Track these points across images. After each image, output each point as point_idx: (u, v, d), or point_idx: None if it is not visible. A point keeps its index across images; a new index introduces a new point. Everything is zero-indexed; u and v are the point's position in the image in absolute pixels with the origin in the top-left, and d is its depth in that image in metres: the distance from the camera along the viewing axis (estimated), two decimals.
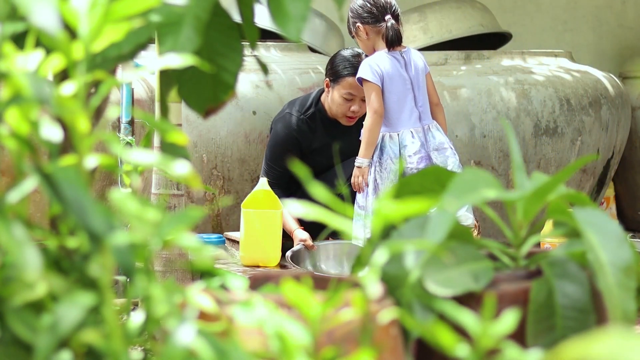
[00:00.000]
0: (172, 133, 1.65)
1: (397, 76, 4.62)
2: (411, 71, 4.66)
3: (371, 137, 4.60)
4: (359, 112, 4.96)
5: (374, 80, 4.58)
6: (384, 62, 4.61)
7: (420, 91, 4.67)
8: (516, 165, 2.06)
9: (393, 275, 1.82)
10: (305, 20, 1.81)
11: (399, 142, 4.59)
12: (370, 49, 4.70)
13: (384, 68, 4.60)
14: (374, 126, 4.58)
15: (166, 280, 2.23)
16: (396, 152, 4.59)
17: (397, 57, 4.64)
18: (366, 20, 4.65)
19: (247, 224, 4.75)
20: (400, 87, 4.62)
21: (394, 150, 4.59)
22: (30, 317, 1.49)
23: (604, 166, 5.89)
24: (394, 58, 4.63)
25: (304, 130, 5.05)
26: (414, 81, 4.66)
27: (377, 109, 4.57)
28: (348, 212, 1.64)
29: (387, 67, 4.61)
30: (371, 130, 4.59)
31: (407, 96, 4.63)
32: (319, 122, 5.08)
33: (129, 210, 1.54)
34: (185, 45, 1.80)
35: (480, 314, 1.66)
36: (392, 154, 4.58)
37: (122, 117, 4.16)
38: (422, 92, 4.68)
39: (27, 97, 1.51)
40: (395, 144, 4.60)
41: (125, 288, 3.45)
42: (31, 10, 1.46)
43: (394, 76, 4.61)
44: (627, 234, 1.90)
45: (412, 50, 4.74)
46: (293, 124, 5.06)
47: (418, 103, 4.65)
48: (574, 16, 7.02)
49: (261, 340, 1.60)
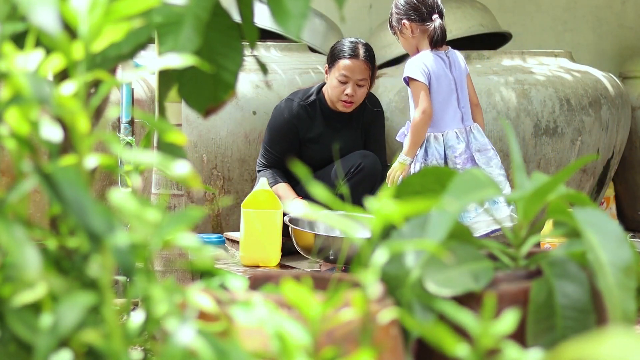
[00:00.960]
0: (171, 133, 1.65)
1: (443, 76, 4.59)
2: (455, 71, 4.64)
3: (418, 136, 4.55)
4: (354, 96, 4.96)
5: (422, 79, 4.53)
6: (431, 61, 4.57)
7: (462, 92, 4.66)
8: (516, 165, 2.06)
9: (393, 275, 1.82)
10: (305, 17, 1.81)
11: (443, 143, 4.56)
12: (413, 47, 4.65)
13: (431, 67, 4.56)
14: (421, 126, 4.54)
15: (166, 280, 2.23)
16: (441, 152, 4.55)
17: (443, 57, 4.61)
18: (413, 17, 4.60)
19: (247, 224, 4.75)
20: (445, 87, 4.59)
21: (439, 151, 4.56)
22: (30, 317, 1.49)
23: (604, 166, 5.89)
24: (439, 58, 4.60)
25: (302, 116, 5.06)
26: (458, 82, 4.64)
27: (425, 108, 4.53)
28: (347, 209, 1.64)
29: (434, 67, 4.57)
30: (418, 129, 4.54)
31: (451, 97, 4.61)
32: (318, 110, 5.09)
33: (129, 210, 1.54)
34: (185, 45, 1.80)
35: (480, 314, 1.66)
36: (437, 154, 4.55)
37: (122, 117, 4.16)
38: (464, 93, 4.67)
39: (27, 97, 1.51)
40: (440, 144, 4.56)
41: (125, 288, 3.45)
42: (31, 10, 1.46)
43: (440, 76, 4.58)
44: (627, 234, 1.90)
45: (455, 51, 4.71)
46: (292, 109, 5.08)
47: (461, 104, 4.64)
48: (574, 16, 7.01)
49: (261, 340, 1.60)
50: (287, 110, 5.08)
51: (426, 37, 4.61)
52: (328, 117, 5.10)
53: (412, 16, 4.60)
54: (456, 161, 4.52)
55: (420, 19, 4.60)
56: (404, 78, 4.61)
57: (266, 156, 5.09)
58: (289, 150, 5.07)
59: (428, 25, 4.60)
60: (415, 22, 4.61)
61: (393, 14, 4.67)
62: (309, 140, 5.08)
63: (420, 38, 4.62)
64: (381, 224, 1.67)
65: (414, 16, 4.60)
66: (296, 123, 5.06)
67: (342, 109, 5.04)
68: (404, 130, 4.69)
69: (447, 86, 4.59)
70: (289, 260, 5.04)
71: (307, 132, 5.07)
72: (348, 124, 5.11)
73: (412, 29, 4.61)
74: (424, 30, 4.61)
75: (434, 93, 4.56)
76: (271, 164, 5.07)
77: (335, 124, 5.10)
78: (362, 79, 4.97)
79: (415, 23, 4.61)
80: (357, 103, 5.02)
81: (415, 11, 4.60)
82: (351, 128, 5.11)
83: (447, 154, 4.55)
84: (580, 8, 7.02)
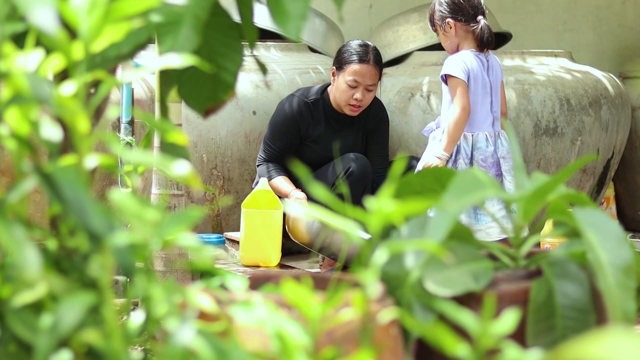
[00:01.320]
0: (172, 133, 1.65)
1: (480, 78, 4.58)
2: (492, 75, 4.63)
3: (456, 133, 4.53)
4: (362, 100, 4.96)
5: (462, 76, 4.51)
6: (471, 61, 4.56)
7: (496, 97, 4.65)
8: (516, 165, 2.06)
9: (393, 275, 1.82)
10: (304, 19, 1.81)
11: (472, 144, 4.55)
12: (453, 46, 4.63)
13: (471, 67, 4.55)
14: (460, 122, 4.52)
15: (166, 280, 2.23)
16: (468, 152, 4.54)
17: (482, 59, 4.60)
18: (459, 17, 4.59)
19: (247, 224, 4.75)
20: (481, 89, 4.58)
21: (467, 150, 4.55)
22: (30, 317, 1.49)
23: (604, 166, 5.89)
24: (478, 59, 4.58)
25: (304, 114, 5.05)
26: (493, 86, 4.63)
27: (464, 105, 4.51)
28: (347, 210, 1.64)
29: (474, 67, 4.56)
30: (457, 126, 4.52)
31: (486, 99, 4.60)
32: (321, 110, 5.07)
33: (129, 210, 1.54)
34: (184, 45, 1.80)
35: (480, 314, 1.66)
36: (464, 154, 4.55)
37: (122, 117, 4.16)
38: (497, 98, 4.66)
39: (27, 97, 1.51)
40: (468, 144, 4.55)
41: (125, 288, 3.45)
42: (30, 10, 1.45)
43: (478, 77, 4.57)
44: (627, 234, 1.90)
45: (494, 56, 4.70)
46: (294, 105, 5.06)
47: (493, 108, 4.63)
48: (574, 16, 7.01)
49: (261, 340, 1.60)
50: (290, 107, 5.07)
51: (469, 37, 4.60)
52: (330, 118, 5.09)
53: (457, 16, 4.59)
54: (482, 164, 4.52)
55: (466, 20, 4.59)
56: (442, 75, 4.59)
57: (267, 151, 5.08)
58: (290, 146, 5.06)
59: (472, 26, 4.59)
60: (461, 22, 4.59)
61: (436, 11, 4.64)
62: (309, 139, 5.07)
63: (463, 38, 4.61)
64: (381, 224, 1.67)
65: (459, 16, 4.59)
66: (298, 120, 5.04)
67: (349, 113, 5.02)
68: (432, 125, 4.66)
69: (483, 88, 4.58)
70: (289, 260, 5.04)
71: (308, 130, 5.06)
72: (349, 126, 5.10)
73: (456, 29, 4.60)
74: (467, 30, 4.60)
75: (470, 93, 4.55)
76: (271, 159, 5.06)
77: (337, 125, 5.09)
78: (371, 84, 4.96)
79: (461, 23, 4.60)
80: (364, 107, 5.01)
81: (461, 11, 4.59)
82: (352, 130, 5.09)
83: (474, 154, 4.54)
84: (580, 8, 7.02)
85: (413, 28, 6.09)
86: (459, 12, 4.60)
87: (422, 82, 5.73)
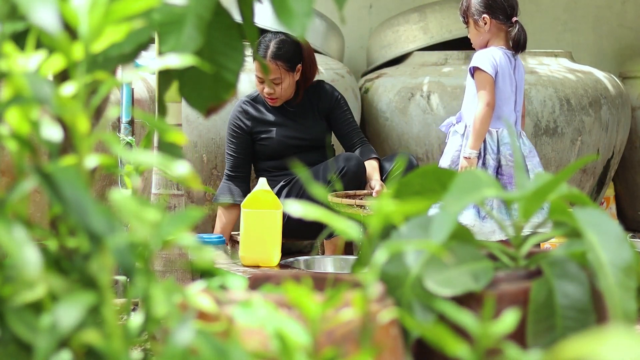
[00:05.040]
0: (171, 133, 1.65)
1: (508, 76, 4.58)
2: (518, 75, 4.63)
3: (481, 129, 4.52)
4: (273, 93, 5.08)
5: (490, 71, 4.50)
6: (501, 57, 4.56)
7: (520, 96, 4.65)
8: (517, 165, 2.06)
9: (393, 275, 1.82)
10: (309, 16, 1.81)
11: (497, 140, 4.55)
12: (483, 42, 4.62)
13: (500, 63, 4.55)
14: (484, 118, 4.51)
15: (166, 280, 2.23)
16: (495, 148, 4.55)
17: (510, 58, 4.60)
18: (496, 14, 4.58)
19: (247, 224, 4.75)
20: (508, 87, 4.58)
21: (493, 146, 4.55)
22: (30, 317, 1.49)
23: (604, 166, 5.89)
24: (507, 57, 4.58)
25: (246, 111, 5.18)
26: (519, 85, 4.64)
27: (489, 101, 4.50)
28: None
29: (503, 64, 4.56)
30: (482, 122, 4.51)
31: (511, 97, 4.60)
32: (261, 103, 5.20)
33: (129, 211, 1.54)
34: (187, 44, 1.80)
35: (480, 314, 1.66)
36: (490, 150, 4.55)
37: (122, 117, 4.16)
38: (521, 98, 4.67)
39: (27, 97, 1.50)
40: (494, 140, 4.55)
41: (125, 288, 3.45)
42: (31, 9, 1.45)
43: (505, 75, 4.57)
44: (627, 234, 1.90)
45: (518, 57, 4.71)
46: (236, 108, 5.20)
47: (517, 107, 4.64)
48: (574, 16, 7.01)
49: (261, 340, 1.60)
50: (233, 111, 5.20)
51: (501, 36, 4.60)
52: (278, 109, 5.20)
53: (496, 13, 4.58)
54: (510, 159, 4.51)
55: (502, 18, 4.59)
56: (470, 68, 4.57)
57: (228, 162, 5.19)
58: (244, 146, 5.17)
59: (506, 25, 4.59)
60: (497, 20, 4.59)
61: (472, 4, 4.62)
62: (264, 129, 5.16)
63: (495, 35, 4.61)
64: (381, 223, 1.67)
65: (498, 13, 4.58)
66: (241, 118, 5.16)
67: (271, 105, 5.15)
68: (452, 120, 4.65)
69: (510, 86, 4.58)
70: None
71: (257, 123, 5.16)
72: (303, 113, 5.18)
73: (491, 25, 4.59)
74: (501, 29, 4.60)
75: (497, 90, 4.54)
76: (232, 169, 5.16)
77: (288, 114, 5.19)
78: (274, 78, 5.07)
79: (496, 20, 4.59)
80: (282, 98, 5.12)
81: (500, 9, 4.59)
82: (307, 115, 5.17)
83: (501, 150, 4.53)
84: (580, 8, 7.02)
85: (413, 28, 6.09)
86: (497, 9, 4.59)
87: (422, 82, 5.73)
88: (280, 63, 5.06)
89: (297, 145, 5.16)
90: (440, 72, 5.77)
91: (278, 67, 5.06)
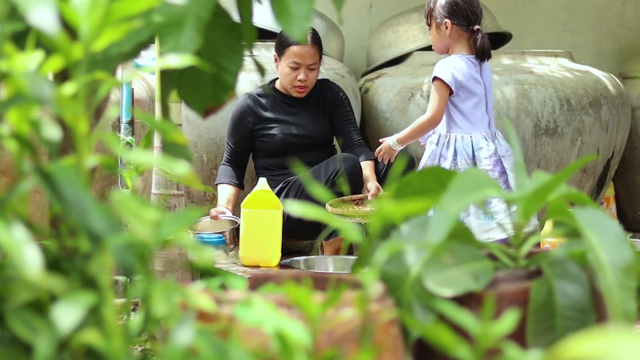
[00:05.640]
0: (173, 133, 1.65)
1: (474, 80, 4.62)
2: (485, 77, 4.68)
3: (417, 134, 4.65)
4: (307, 80, 5.12)
5: (449, 82, 4.56)
6: (463, 67, 4.61)
7: (490, 98, 4.71)
8: (517, 165, 2.06)
9: (393, 275, 1.82)
10: (309, 20, 1.81)
11: (472, 144, 4.58)
12: (443, 47, 4.67)
13: (463, 73, 4.60)
14: (426, 127, 4.62)
15: (166, 280, 2.23)
16: (470, 153, 4.57)
17: (474, 62, 4.64)
18: (459, 20, 4.62)
19: (247, 224, 4.75)
20: (476, 90, 4.63)
21: (468, 151, 4.58)
22: (30, 317, 1.49)
23: (604, 166, 5.88)
24: (470, 62, 4.62)
25: (251, 105, 5.20)
26: (487, 87, 4.69)
27: (437, 112, 4.58)
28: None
29: (466, 71, 4.60)
30: (422, 129, 4.63)
31: (482, 101, 4.65)
32: (271, 98, 5.22)
33: (129, 210, 1.54)
34: (186, 45, 1.80)
35: (480, 314, 1.66)
36: (465, 154, 4.57)
37: (122, 117, 4.16)
38: (491, 100, 4.72)
39: (27, 97, 1.50)
40: (468, 145, 4.58)
41: (125, 288, 3.45)
42: (30, 10, 1.45)
43: (472, 79, 4.61)
44: (627, 234, 1.90)
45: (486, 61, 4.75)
46: (242, 101, 5.23)
47: (488, 109, 4.69)
48: (574, 16, 7.01)
49: (261, 340, 1.60)
50: (238, 104, 5.23)
51: (462, 42, 4.64)
52: (282, 104, 5.23)
53: (458, 19, 4.62)
54: (487, 162, 4.54)
55: (464, 24, 4.62)
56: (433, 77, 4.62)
57: (227, 150, 5.26)
58: (243, 140, 5.21)
59: (469, 32, 4.63)
60: (458, 26, 4.62)
61: (436, 8, 4.66)
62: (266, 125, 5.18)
63: (456, 41, 4.65)
64: (381, 223, 1.67)
65: (460, 19, 4.62)
66: (246, 112, 5.19)
67: (296, 95, 5.17)
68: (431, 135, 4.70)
69: (479, 90, 4.63)
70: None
71: (260, 118, 5.19)
72: (305, 108, 5.22)
73: (452, 31, 4.63)
74: (462, 35, 4.64)
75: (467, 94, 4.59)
76: (229, 156, 5.23)
77: (292, 109, 5.22)
78: (312, 64, 5.12)
79: (458, 26, 4.63)
80: (310, 87, 5.16)
81: (463, 15, 4.62)
82: (310, 112, 5.20)
83: (477, 154, 4.57)
84: (580, 8, 7.02)
85: (413, 28, 6.09)
86: (460, 15, 4.62)
87: (422, 82, 5.73)
88: (318, 49, 5.13)
89: (299, 143, 5.18)
90: None
91: (317, 53, 5.12)
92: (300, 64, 5.09)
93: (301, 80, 5.11)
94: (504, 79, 5.66)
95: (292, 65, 5.11)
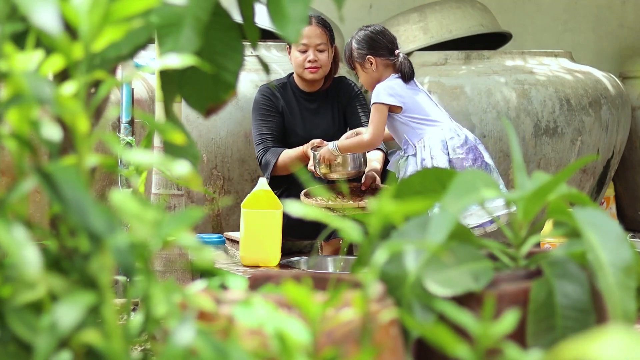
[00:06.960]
0: (171, 133, 1.65)
1: (413, 90, 4.71)
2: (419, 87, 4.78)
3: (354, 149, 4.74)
4: (317, 61, 5.07)
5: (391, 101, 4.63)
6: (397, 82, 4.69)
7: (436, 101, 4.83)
8: (517, 165, 2.06)
9: (393, 275, 1.82)
10: (304, 22, 1.81)
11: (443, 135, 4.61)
12: (374, 81, 4.75)
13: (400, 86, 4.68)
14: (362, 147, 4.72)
15: (166, 280, 2.23)
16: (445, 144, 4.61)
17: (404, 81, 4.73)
18: (380, 53, 4.71)
19: (247, 224, 4.75)
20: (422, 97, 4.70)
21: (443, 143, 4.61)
22: (30, 317, 1.49)
23: (604, 166, 5.89)
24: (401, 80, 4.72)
25: (275, 94, 5.15)
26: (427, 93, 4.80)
27: (377, 136, 4.65)
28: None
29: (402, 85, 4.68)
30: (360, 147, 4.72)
31: (429, 102, 4.73)
32: (290, 92, 5.18)
33: (129, 210, 1.54)
34: (185, 46, 1.80)
35: (480, 314, 1.66)
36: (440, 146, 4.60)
37: (122, 117, 4.16)
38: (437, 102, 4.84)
39: (27, 97, 1.51)
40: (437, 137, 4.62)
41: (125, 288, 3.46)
42: (31, 10, 1.46)
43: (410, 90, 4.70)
44: (627, 234, 1.90)
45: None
46: (263, 90, 5.16)
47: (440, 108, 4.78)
48: (574, 16, 7.02)
49: (261, 340, 1.60)
50: (260, 93, 5.16)
51: (389, 70, 4.74)
52: (301, 99, 5.18)
53: (378, 51, 4.73)
54: (459, 151, 4.57)
55: (386, 54, 4.73)
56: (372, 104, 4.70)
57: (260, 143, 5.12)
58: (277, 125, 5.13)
59: (392, 59, 4.72)
60: (381, 57, 4.73)
61: (354, 50, 4.76)
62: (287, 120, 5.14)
63: (383, 72, 4.75)
64: (381, 223, 1.67)
65: (380, 51, 4.73)
66: (272, 99, 5.13)
67: (310, 77, 5.09)
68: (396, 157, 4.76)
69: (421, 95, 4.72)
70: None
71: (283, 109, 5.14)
72: (324, 105, 5.18)
73: (377, 64, 4.73)
74: (387, 65, 4.74)
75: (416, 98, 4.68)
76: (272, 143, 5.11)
77: (311, 105, 5.18)
78: (320, 44, 5.06)
79: (381, 58, 4.73)
80: (324, 68, 5.09)
81: (381, 47, 4.74)
82: (328, 107, 5.17)
83: (449, 144, 4.60)
84: (580, 8, 7.02)
85: (413, 28, 6.09)
86: (378, 47, 4.74)
87: (422, 82, 5.73)
88: (325, 30, 5.10)
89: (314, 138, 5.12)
90: (440, 72, 5.77)
91: (324, 34, 5.09)
92: (308, 44, 5.04)
93: (311, 60, 5.06)
94: (503, 79, 5.66)
95: (300, 48, 5.08)
